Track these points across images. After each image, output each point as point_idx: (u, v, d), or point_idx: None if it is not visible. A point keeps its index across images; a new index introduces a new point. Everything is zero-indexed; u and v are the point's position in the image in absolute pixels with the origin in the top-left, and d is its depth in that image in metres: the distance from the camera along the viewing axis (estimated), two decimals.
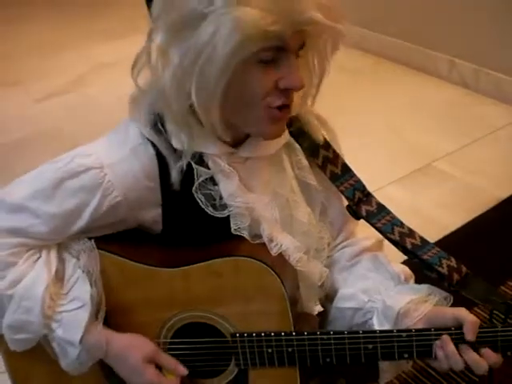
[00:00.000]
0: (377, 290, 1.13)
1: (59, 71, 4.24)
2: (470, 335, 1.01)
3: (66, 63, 4.35)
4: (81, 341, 1.03)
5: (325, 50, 1.02)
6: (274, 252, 1.08)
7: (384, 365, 1.14)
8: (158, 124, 1.03)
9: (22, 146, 2.99)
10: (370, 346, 1.05)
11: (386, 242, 1.20)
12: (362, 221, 1.20)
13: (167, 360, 1.08)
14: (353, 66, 3.59)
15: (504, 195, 2.78)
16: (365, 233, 1.26)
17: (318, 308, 1.27)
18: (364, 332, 1.06)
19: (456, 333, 1.03)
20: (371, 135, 3.18)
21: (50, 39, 4.67)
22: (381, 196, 1.21)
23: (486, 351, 1.02)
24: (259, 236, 1.08)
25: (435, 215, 2.65)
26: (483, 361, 1.02)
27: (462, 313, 1.04)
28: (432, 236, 2.37)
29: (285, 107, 1.00)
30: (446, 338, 1.03)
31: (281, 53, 0.95)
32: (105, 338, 1.05)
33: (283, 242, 1.09)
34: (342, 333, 1.06)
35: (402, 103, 3.62)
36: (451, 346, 1.02)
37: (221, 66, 0.92)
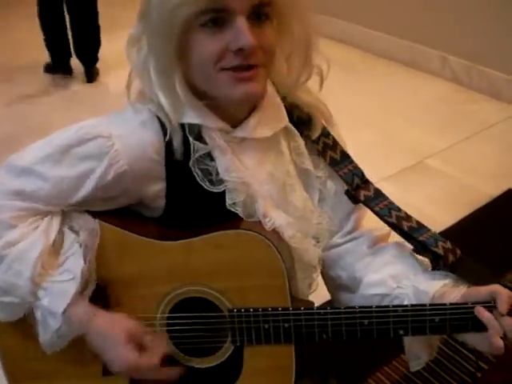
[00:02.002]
0: (405, 276, 1.13)
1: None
2: (503, 306, 1.00)
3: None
4: (63, 312, 1.03)
5: (296, 7, 1.04)
6: (268, 227, 1.09)
7: (415, 351, 1.14)
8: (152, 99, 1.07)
9: (12, 142, 2.97)
10: (366, 322, 1.05)
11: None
12: None
13: (149, 337, 1.07)
14: (344, 62, 3.57)
15: (496, 192, 2.79)
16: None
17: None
18: (360, 307, 1.07)
19: (487, 306, 1.02)
20: (362, 132, 3.17)
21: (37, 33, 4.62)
22: None
23: None
24: (252, 215, 1.10)
25: (427, 213, 2.63)
26: None
27: (497, 288, 1.03)
28: None
29: (249, 67, 1.00)
30: (478, 307, 1.03)
31: (227, 15, 0.97)
32: (88, 313, 1.05)
33: (277, 218, 1.10)
34: (339, 308, 1.07)
35: (394, 100, 3.62)
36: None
37: (163, 33, 0.99)
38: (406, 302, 1.10)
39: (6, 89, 3.94)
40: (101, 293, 1.09)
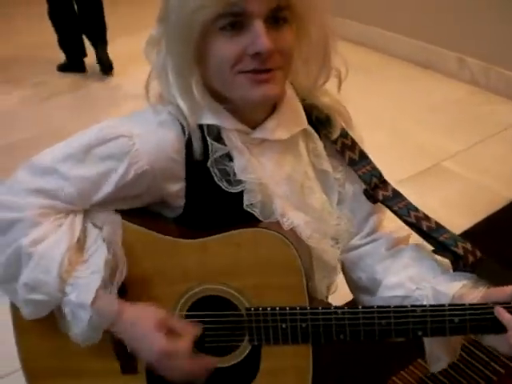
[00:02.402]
0: (424, 278, 1.13)
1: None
2: None
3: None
4: (92, 303, 1.03)
5: (314, 9, 1.04)
6: (285, 226, 1.09)
7: (436, 352, 1.13)
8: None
9: (28, 146, 2.99)
10: (384, 322, 1.05)
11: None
12: None
13: (178, 323, 1.08)
14: (360, 64, 3.56)
15: None
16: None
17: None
18: (378, 307, 1.06)
19: (507, 306, 1.01)
20: (378, 134, 3.16)
21: (51, 38, 4.67)
22: None
23: None
24: (270, 215, 1.11)
25: (443, 216, 2.57)
26: None
27: None
28: None
29: (267, 71, 1.01)
30: (498, 308, 1.02)
31: (245, 19, 0.98)
32: (116, 303, 1.06)
33: (294, 219, 1.11)
34: (357, 308, 1.06)
35: (411, 101, 3.60)
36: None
37: (182, 37, 1.00)
38: (425, 303, 1.10)
39: (22, 90, 3.98)
40: (120, 290, 1.09)
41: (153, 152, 1.06)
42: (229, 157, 1.09)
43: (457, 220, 2.59)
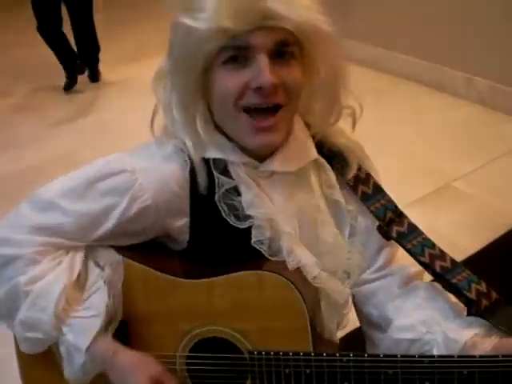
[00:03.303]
0: (436, 321, 1.09)
1: (72, 96, 4.27)
2: None
3: (78, 88, 4.39)
4: (88, 349, 1.03)
5: (321, 48, 1.02)
6: (291, 266, 1.07)
7: None
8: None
9: (36, 172, 3.02)
10: (390, 372, 1.01)
11: None
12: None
13: (172, 382, 1.06)
14: (369, 86, 3.57)
15: None
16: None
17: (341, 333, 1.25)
18: (385, 356, 1.02)
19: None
20: (387, 155, 3.15)
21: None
22: None
23: None
24: (278, 253, 1.08)
25: (453, 237, 2.60)
26: None
27: None
28: None
29: (268, 113, 1.00)
30: None
31: (248, 53, 0.97)
32: (112, 350, 1.04)
33: (301, 257, 1.08)
34: (362, 355, 1.02)
35: (419, 123, 3.60)
36: None
37: (184, 73, 0.99)
38: (435, 349, 1.07)
39: (31, 118, 4.00)
40: (122, 328, 1.09)
41: (156, 187, 1.05)
42: (236, 191, 1.07)
43: (467, 241, 2.57)
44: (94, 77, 4.53)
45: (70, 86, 4.37)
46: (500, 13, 3.50)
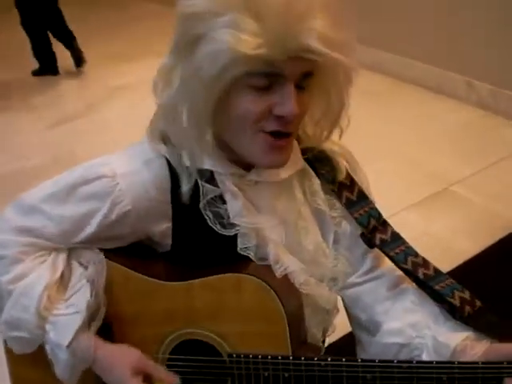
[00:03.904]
0: (425, 325, 1.08)
1: (71, 96, 4.28)
2: None
3: (78, 87, 4.40)
4: (69, 345, 1.04)
5: (338, 81, 1.01)
6: (278, 273, 1.07)
7: None
8: (169, 141, 1.07)
9: (35, 173, 3.02)
10: (369, 376, 1.01)
11: None
12: None
13: (156, 370, 1.06)
14: (370, 89, 3.57)
15: None
16: None
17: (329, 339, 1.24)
18: (363, 360, 1.02)
19: (509, 367, 0.96)
20: (386, 159, 3.16)
21: (62, 64, 4.73)
22: (396, 222, 1.18)
23: None
24: (265, 258, 1.08)
25: (451, 241, 2.61)
26: None
27: None
28: (448, 263, 2.36)
29: (283, 135, 1.00)
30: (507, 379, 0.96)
31: (277, 78, 0.95)
32: (93, 345, 1.05)
33: (289, 264, 1.08)
34: (340, 360, 1.02)
35: (419, 126, 3.60)
36: None
37: (208, 86, 0.94)
38: (424, 353, 1.06)
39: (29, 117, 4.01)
40: (106, 330, 1.09)
41: (136, 192, 1.05)
42: (221, 199, 1.07)
43: (465, 245, 2.57)
44: (78, 60, 4.68)
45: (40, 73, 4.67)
46: (500, 17, 3.50)
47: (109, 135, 3.56)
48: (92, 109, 4.14)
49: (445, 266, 2.24)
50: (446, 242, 2.59)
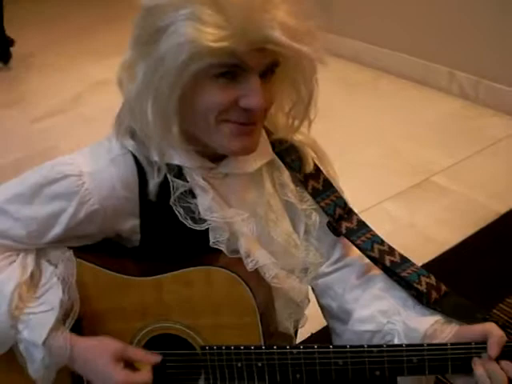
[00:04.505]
0: (395, 311, 1.11)
1: (55, 91, 4.24)
2: (492, 350, 0.97)
3: (61, 82, 4.36)
4: (44, 343, 1.03)
5: (304, 70, 1.02)
6: (249, 267, 1.07)
7: None
8: (137, 136, 1.06)
9: (19, 167, 2.98)
10: (341, 362, 1.03)
11: None
12: None
13: (136, 353, 1.07)
14: (352, 80, 3.57)
15: (504, 209, 2.75)
16: None
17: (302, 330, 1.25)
18: (334, 347, 1.04)
19: (476, 347, 0.99)
20: (369, 150, 3.16)
21: (47, 58, 4.66)
22: (378, 212, 1.19)
23: (506, 364, 0.98)
24: (237, 251, 1.09)
25: (434, 231, 2.61)
26: (503, 373, 0.97)
27: (490, 328, 1.00)
28: (430, 252, 2.38)
29: (249, 124, 1.00)
30: (475, 360, 0.99)
31: (241, 70, 0.95)
32: (69, 341, 1.05)
33: (259, 258, 1.09)
34: (312, 347, 1.04)
35: (401, 117, 3.60)
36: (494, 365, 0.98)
37: (171, 79, 0.94)
38: (396, 338, 1.08)
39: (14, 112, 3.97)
40: (76, 326, 1.09)
41: (103, 191, 1.05)
42: (191, 193, 1.07)
43: (447, 235, 2.58)
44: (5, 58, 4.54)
45: None
46: (484, 7, 3.51)
47: (93, 129, 3.52)
48: (76, 103, 4.10)
49: (427, 256, 2.27)
50: (428, 232, 2.60)
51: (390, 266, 1.11)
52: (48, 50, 4.76)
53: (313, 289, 1.21)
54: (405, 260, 1.13)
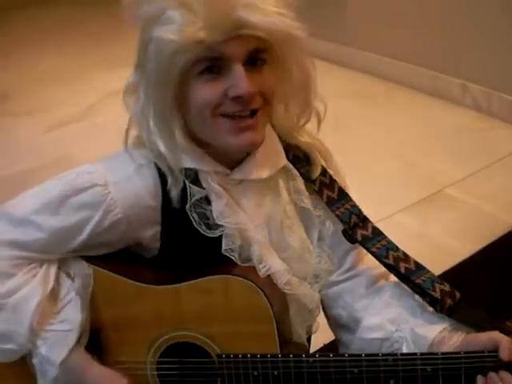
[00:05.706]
0: (403, 319, 1.12)
1: (68, 100, 4.27)
2: (504, 353, 0.98)
3: (74, 92, 4.40)
4: (61, 363, 1.05)
5: (291, 51, 1.03)
6: (262, 273, 1.08)
7: None
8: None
9: (32, 176, 3.01)
10: (356, 370, 1.03)
11: None
12: None
13: None
14: (365, 92, 3.58)
15: None
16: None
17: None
18: (350, 355, 1.05)
19: (490, 355, 1.00)
20: (382, 161, 3.16)
21: (59, 68, 4.72)
22: (390, 224, 1.20)
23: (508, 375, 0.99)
24: (249, 259, 1.09)
25: (445, 243, 2.61)
26: None
27: (497, 335, 1.01)
28: (442, 264, 2.36)
29: (247, 118, 1.01)
30: (494, 375, 0.99)
31: (224, 62, 0.98)
32: (84, 364, 1.07)
33: (272, 265, 1.09)
34: (328, 356, 1.05)
35: (414, 129, 3.60)
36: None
37: (161, 85, 0.99)
38: (404, 346, 1.09)
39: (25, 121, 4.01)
40: (94, 336, 1.10)
41: (127, 200, 1.06)
42: (207, 200, 1.08)
43: (459, 247, 2.57)
44: None
45: None
46: (496, 19, 3.51)
47: (106, 139, 3.54)
48: (89, 113, 4.13)
49: (439, 268, 2.26)
50: (441, 244, 2.60)
51: (405, 272, 1.12)
52: (61, 58, 4.81)
53: (322, 300, 1.21)
54: (419, 267, 1.14)
